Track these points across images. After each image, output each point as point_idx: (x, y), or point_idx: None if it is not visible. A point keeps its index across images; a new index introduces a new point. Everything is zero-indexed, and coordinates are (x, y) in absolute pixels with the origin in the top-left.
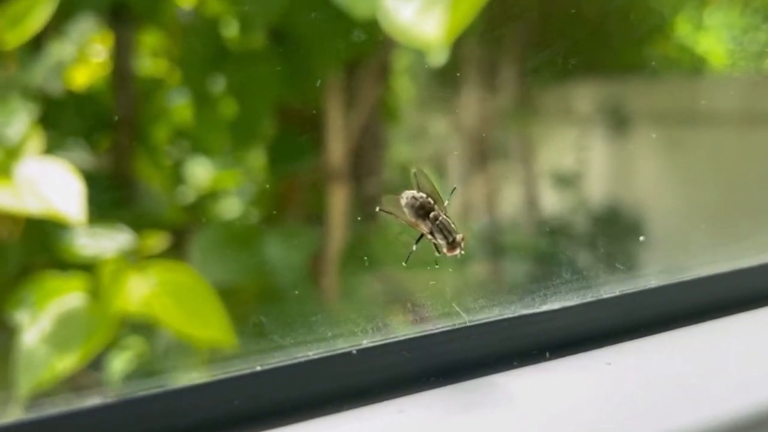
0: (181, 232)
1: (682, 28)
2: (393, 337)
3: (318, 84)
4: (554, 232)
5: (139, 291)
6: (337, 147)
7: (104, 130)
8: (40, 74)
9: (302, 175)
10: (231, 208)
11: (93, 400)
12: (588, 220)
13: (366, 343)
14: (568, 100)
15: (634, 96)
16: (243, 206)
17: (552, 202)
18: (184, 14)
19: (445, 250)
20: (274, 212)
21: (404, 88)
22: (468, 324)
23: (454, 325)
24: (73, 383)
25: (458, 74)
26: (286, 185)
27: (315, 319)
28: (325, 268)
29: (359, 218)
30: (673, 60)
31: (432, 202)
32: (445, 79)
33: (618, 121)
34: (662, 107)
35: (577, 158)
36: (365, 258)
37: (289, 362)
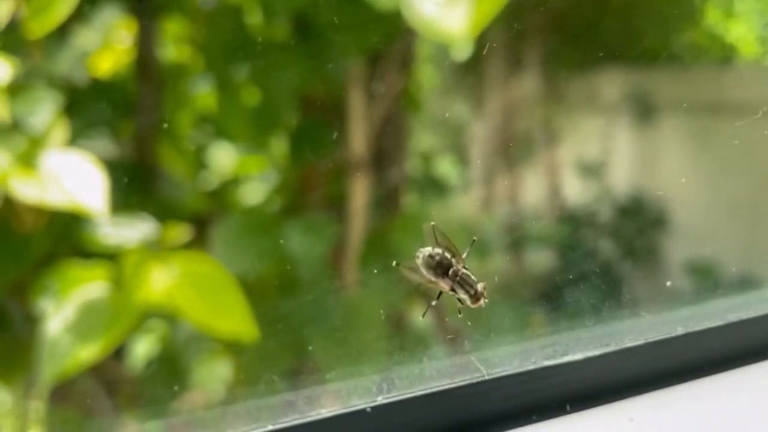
0: (204, 220)
1: (712, 15)
2: (409, 393)
3: (340, 73)
4: (578, 222)
5: (161, 281)
6: (358, 136)
7: (128, 117)
8: (65, 63)
9: (324, 164)
10: (253, 194)
11: None
12: (612, 210)
13: (381, 399)
14: (593, 89)
15: (662, 85)
16: (265, 193)
17: (576, 191)
18: (207, 1)
19: (469, 303)
20: (296, 201)
21: (427, 76)
22: (486, 378)
23: (473, 378)
24: (96, 371)
25: (482, 62)
26: (307, 174)
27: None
28: (345, 259)
29: (380, 208)
30: (702, 48)
31: (450, 256)
32: (469, 67)
33: (644, 111)
34: (690, 96)
35: (602, 147)
36: (386, 249)
37: (301, 421)
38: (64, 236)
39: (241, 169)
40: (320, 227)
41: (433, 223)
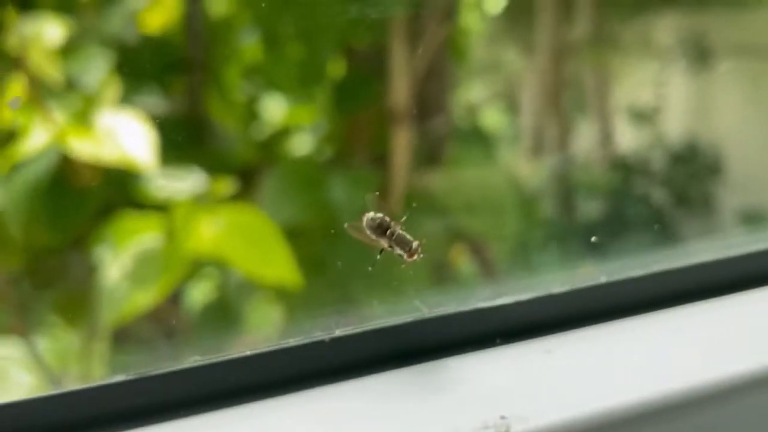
0: (252, 172)
1: None
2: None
3: (384, 23)
4: (630, 169)
5: (209, 232)
6: (402, 86)
7: (177, 72)
8: (116, 21)
9: (368, 116)
10: (301, 146)
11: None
12: (665, 157)
13: (338, 332)
14: (648, 32)
15: (718, 28)
16: (312, 145)
17: (629, 138)
18: None
19: (405, 257)
20: (341, 153)
21: (474, 23)
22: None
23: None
24: (154, 316)
25: (533, 6)
26: (352, 125)
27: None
28: (388, 211)
29: (424, 160)
30: None
31: (388, 220)
32: (518, 12)
33: (700, 55)
34: (748, 40)
35: (656, 93)
36: (429, 201)
37: (265, 350)
38: (119, 190)
39: (289, 120)
40: (364, 179)
41: (377, 192)
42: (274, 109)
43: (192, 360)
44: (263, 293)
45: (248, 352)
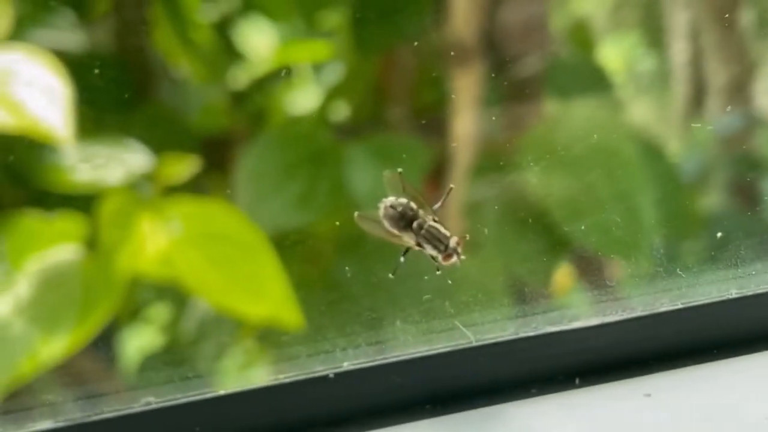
0: (224, 144)
1: None
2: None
3: None
4: None
5: (157, 241)
6: (465, 5)
7: None
8: None
9: (409, 54)
10: (302, 100)
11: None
12: None
13: (347, 365)
14: None
15: None
16: (320, 98)
17: None
18: None
19: (441, 260)
20: (364, 110)
21: None
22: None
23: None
24: (70, 371)
25: None
26: (384, 66)
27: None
28: (445, 201)
29: (502, 119)
30: None
31: (415, 207)
32: None
33: None
34: None
35: None
36: (508, 188)
37: (262, 385)
38: (15, 173)
39: (282, 59)
40: (401, 150)
41: (399, 170)
42: (258, 42)
43: (143, 403)
44: (242, 334)
45: (221, 392)
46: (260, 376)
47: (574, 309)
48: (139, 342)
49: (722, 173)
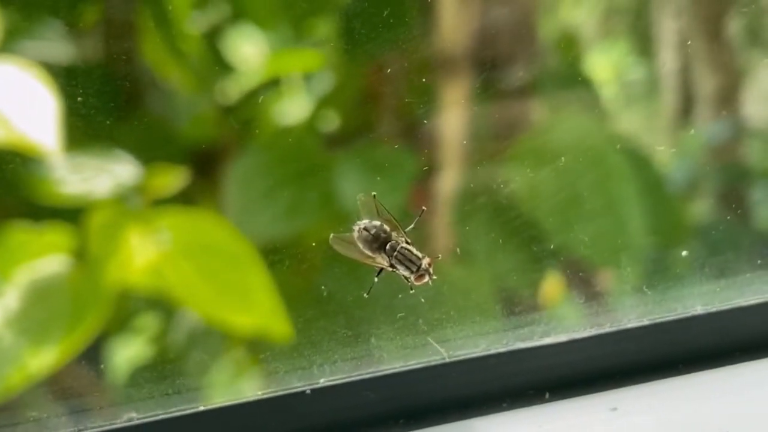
0: (213, 156)
1: None
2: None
3: None
4: None
5: (145, 253)
6: (453, 15)
7: None
8: None
9: (397, 61)
10: (292, 111)
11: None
12: None
13: (323, 381)
14: None
15: None
16: (310, 108)
17: None
18: None
19: (413, 280)
20: (354, 121)
21: None
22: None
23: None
24: (58, 384)
25: None
26: (373, 77)
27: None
28: (432, 211)
29: (490, 129)
30: None
31: (388, 229)
32: None
33: None
34: None
35: None
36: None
37: (240, 401)
38: (2, 186)
39: (272, 69)
40: (393, 162)
41: (374, 193)
42: (249, 52)
43: (126, 419)
44: (231, 345)
45: (200, 408)
46: (249, 387)
47: (544, 325)
48: (127, 353)
49: (710, 182)
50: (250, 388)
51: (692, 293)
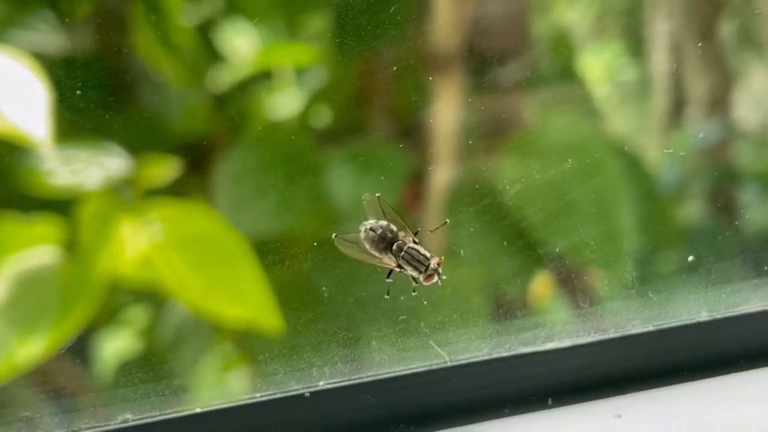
0: (205, 148)
1: None
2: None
3: None
4: None
5: (136, 244)
6: (448, 12)
7: None
8: None
9: (390, 57)
10: (284, 105)
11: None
12: None
13: (322, 384)
14: None
15: None
16: (302, 103)
17: None
18: None
19: (422, 280)
20: (346, 117)
21: None
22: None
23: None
24: (44, 377)
25: None
26: (365, 73)
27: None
28: (424, 209)
29: (483, 127)
30: None
31: (394, 229)
32: None
33: None
34: None
35: None
36: (493, 190)
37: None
38: None
39: (263, 63)
40: (385, 158)
41: (378, 194)
42: (240, 46)
43: (120, 420)
44: (220, 338)
45: (197, 410)
46: (237, 381)
47: (547, 329)
48: (115, 345)
49: (701, 183)
50: (239, 383)
51: (691, 297)
